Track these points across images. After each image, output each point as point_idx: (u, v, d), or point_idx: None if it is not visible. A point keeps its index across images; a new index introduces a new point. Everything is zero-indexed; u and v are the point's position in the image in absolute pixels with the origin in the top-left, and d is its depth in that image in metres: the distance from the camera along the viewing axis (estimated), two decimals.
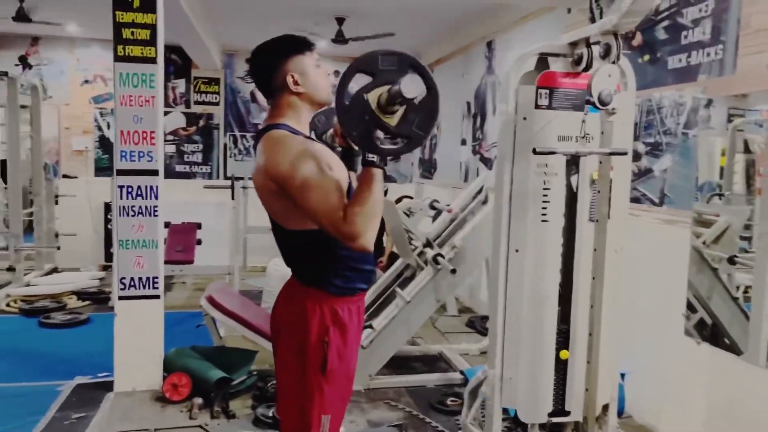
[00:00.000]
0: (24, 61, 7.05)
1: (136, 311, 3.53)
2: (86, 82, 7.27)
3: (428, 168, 7.45)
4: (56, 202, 6.67)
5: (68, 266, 6.64)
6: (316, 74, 1.72)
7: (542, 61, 2.66)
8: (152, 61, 3.42)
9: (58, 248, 6.35)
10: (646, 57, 3.46)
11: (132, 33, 3.38)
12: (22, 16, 5.20)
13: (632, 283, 3.19)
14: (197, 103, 7.49)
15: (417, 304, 3.65)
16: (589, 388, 2.55)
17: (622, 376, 3.05)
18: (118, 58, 3.38)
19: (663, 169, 3.33)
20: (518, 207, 2.62)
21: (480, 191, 4.04)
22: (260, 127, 1.75)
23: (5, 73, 5.44)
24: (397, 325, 3.63)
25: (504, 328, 2.69)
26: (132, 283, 3.49)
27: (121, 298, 3.51)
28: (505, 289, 2.65)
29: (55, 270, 6.64)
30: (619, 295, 2.55)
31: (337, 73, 7.86)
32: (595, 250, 2.49)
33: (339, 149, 1.90)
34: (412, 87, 1.31)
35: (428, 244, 3.77)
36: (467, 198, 4.08)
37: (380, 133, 1.45)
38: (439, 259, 3.55)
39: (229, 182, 6.77)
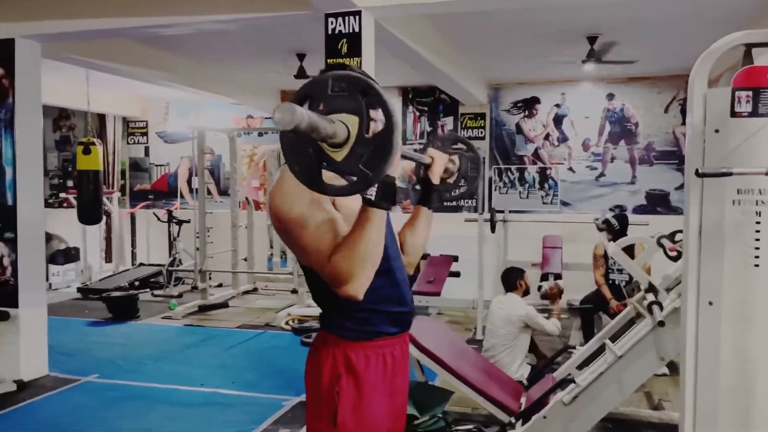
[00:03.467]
0: None
1: None
2: None
3: None
4: None
5: None
6: None
7: (747, 56, 2.02)
8: None
9: None
10: None
11: None
12: (302, 74, 6.05)
13: None
14: None
15: (633, 361, 3.04)
16: None
17: None
18: None
19: None
20: (710, 247, 2.02)
21: None
22: None
23: None
24: (607, 382, 3.08)
25: (695, 400, 2.08)
26: None
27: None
28: (695, 352, 2.06)
29: None
30: None
31: (611, 96, 7.23)
32: None
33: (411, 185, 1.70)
34: (282, 116, 1.00)
35: (651, 288, 3.13)
36: None
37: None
38: (654, 308, 2.91)
39: (488, 215, 6.74)
